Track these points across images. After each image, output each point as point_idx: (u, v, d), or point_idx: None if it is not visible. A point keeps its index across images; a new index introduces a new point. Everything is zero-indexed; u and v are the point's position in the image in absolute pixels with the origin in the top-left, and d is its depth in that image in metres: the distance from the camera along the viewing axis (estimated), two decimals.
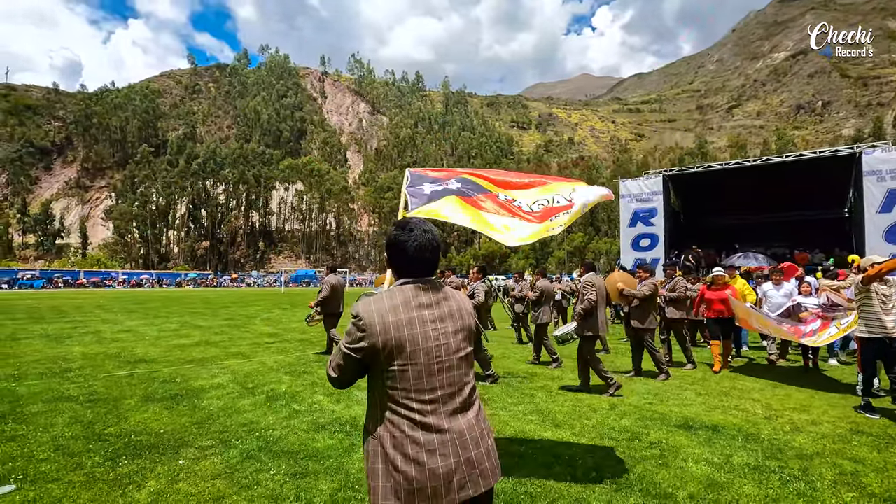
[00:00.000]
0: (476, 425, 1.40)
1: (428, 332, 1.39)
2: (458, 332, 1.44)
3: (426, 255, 1.49)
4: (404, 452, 1.30)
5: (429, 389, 1.36)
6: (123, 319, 14.26)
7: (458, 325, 1.45)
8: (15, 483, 2.92)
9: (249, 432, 3.89)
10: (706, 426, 4.14)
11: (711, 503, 2.73)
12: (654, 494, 2.82)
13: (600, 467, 3.21)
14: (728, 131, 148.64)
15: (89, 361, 7.13)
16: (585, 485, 2.95)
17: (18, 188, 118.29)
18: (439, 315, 1.43)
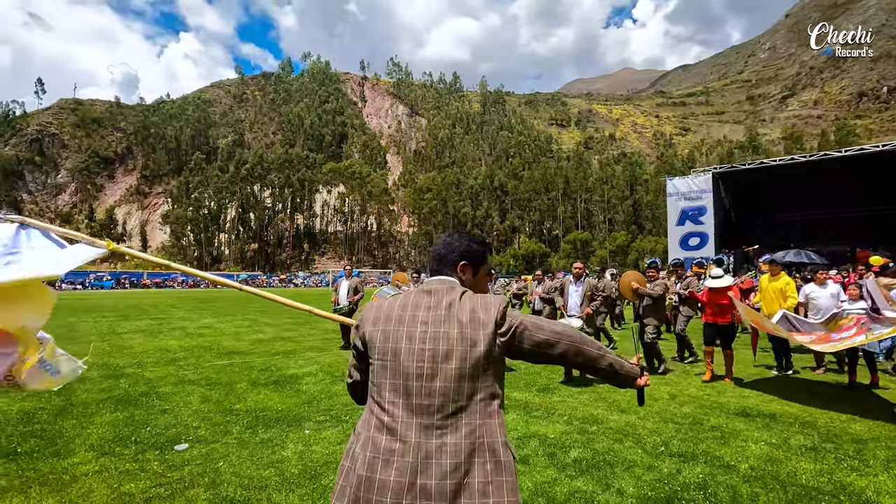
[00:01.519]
0: (453, 453, 1.18)
1: (415, 332, 1.29)
2: (450, 339, 1.26)
3: (437, 256, 1.47)
4: (364, 454, 1.23)
5: (404, 393, 1.25)
6: (198, 317, 15.56)
7: (454, 331, 1.27)
8: (187, 443, 3.67)
9: (352, 411, 4.54)
10: (764, 414, 4.47)
11: (771, 474, 3.13)
12: (718, 465, 3.24)
13: (667, 443, 3.65)
14: (782, 123, 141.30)
15: (190, 353, 8.09)
16: (655, 456, 3.40)
17: (86, 196, 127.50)
18: (435, 318, 1.30)
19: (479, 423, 1.23)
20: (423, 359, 1.26)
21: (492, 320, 1.28)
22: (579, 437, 3.80)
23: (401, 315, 1.34)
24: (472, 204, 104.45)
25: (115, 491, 2.86)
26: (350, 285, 9.09)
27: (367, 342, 1.36)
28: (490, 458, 1.20)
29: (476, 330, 1.27)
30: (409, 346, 1.28)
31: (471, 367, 1.25)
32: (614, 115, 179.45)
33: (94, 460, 3.33)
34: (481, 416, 1.24)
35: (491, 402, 1.26)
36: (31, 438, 3.76)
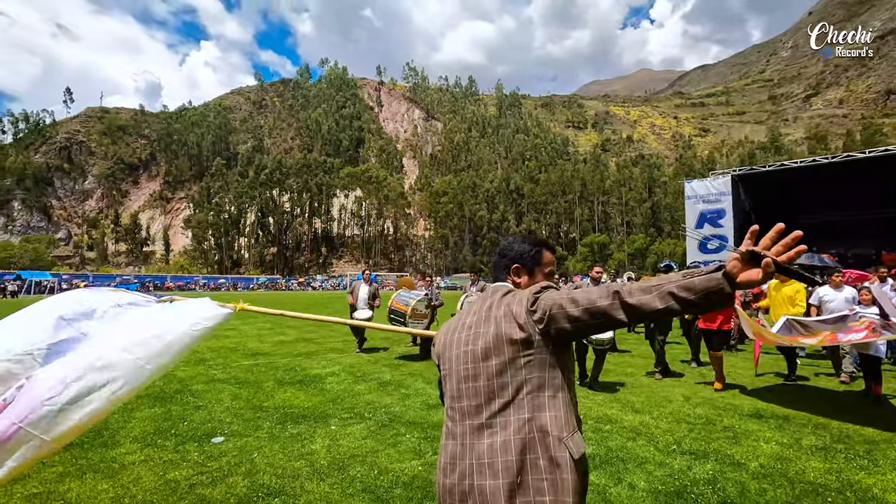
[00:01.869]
0: (503, 451, 1.17)
1: (462, 337, 1.34)
2: (488, 338, 1.27)
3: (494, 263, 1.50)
4: (441, 461, 1.27)
5: (457, 397, 1.29)
6: None
7: (490, 329, 1.28)
8: (222, 436, 3.92)
9: (375, 409, 4.76)
10: (777, 416, 4.54)
11: (780, 471, 3.23)
12: (729, 463, 3.35)
13: (679, 442, 3.77)
14: (805, 122, 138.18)
15: (217, 353, 8.42)
16: (667, 454, 3.53)
17: (111, 201, 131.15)
18: (476, 320, 1.33)
19: (528, 418, 1.19)
20: (467, 361, 1.29)
21: (523, 310, 1.26)
22: (593, 435, 3.94)
23: (454, 325, 1.40)
24: (488, 207, 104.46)
25: (161, 478, 3.11)
26: (369, 290, 9.02)
27: (436, 355, 1.43)
28: (543, 453, 1.16)
29: (510, 323, 1.26)
30: (457, 352, 1.32)
31: (510, 360, 1.23)
32: (632, 117, 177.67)
33: (138, 451, 3.59)
34: (530, 409, 1.20)
35: (539, 394, 1.22)
36: (146, 410, 4.04)
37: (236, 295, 44.89)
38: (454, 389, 1.30)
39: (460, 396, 1.28)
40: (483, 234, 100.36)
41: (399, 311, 7.90)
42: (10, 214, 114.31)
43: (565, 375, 1.26)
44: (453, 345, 1.35)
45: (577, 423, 1.27)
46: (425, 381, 6.05)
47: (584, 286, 6.73)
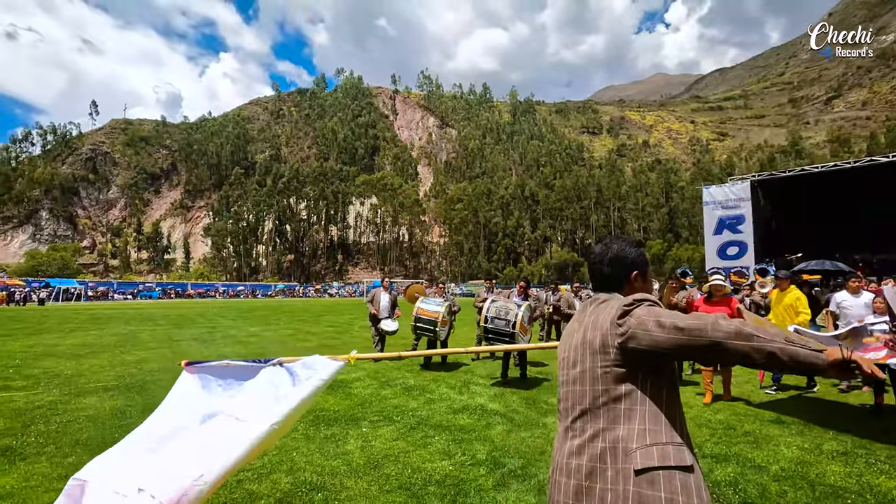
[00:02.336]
0: (579, 455, 1.23)
1: (566, 344, 1.41)
2: (577, 346, 1.33)
3: (595, 270, 1.47)
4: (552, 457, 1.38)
5: (559, 399, 1.39)
6: (244, 325, 16.40)
7: (579, 336, 1.33)
8: None
9: (402, 412, 4.94)
10: (798, 422, 4.60)
11: (800, 474, 3.32)
12: (750, 466, 3.45)
13: (700, 446, 3.87)
14: (827, 125, 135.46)
15: (243, 359, 8.69)
16: None
17: (134, 210, 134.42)
18: (572, 331, 1.40)
19: (602, 428, 1.22)
20: (564, 367, 1.37)
21: (609, 320, 1.26)
22: None
23: (563, 335, 1.47)
24: (503, 214, 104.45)
25: None
26: (390, 298, 8.92)
27: None
28: (612, 464, 1.18)
29: (595, 333, 1.29)
30: (560, 356, 1.42)
31: (590, 370, 1.27)
32: (648, 122, 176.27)
33: None
34: (605, 420, 1.23)
35: (615, 407, 1.23)
36: (127, 431, 4.30)
37: (255, 303, 45.64)
38: (559, 392, 1.39)
39: (558, 399, 1.38)
40: (498, 240, 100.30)
41: (429, 319, 7.62)
42: (38, 224, 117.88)
43: (652, 389, 1.23)
44: (560, 351, 1.43)
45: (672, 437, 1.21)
46: (448, 386, 6.22)
47: None
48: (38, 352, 9.57)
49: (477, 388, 6.08)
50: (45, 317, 20.74)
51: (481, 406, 5.18)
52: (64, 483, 3.14)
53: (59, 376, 6.97)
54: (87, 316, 21.23)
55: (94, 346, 10.62)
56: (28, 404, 5.27)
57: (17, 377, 6.88)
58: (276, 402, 1.71)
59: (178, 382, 1.89)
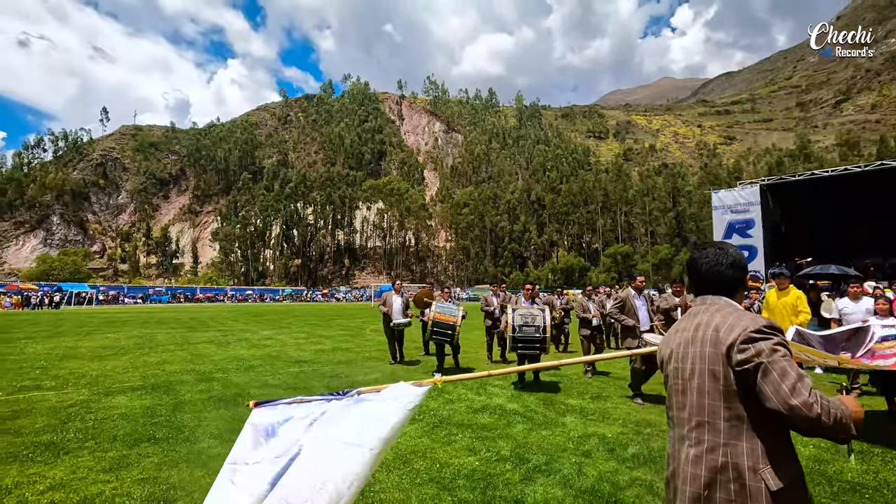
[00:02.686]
0: (695, 464, 1.30)
1: (676, 352, 1.43)
2: (694, 358, 1.35)
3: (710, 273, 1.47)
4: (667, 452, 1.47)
5: (670, 406, 1.44)
6: (257, 329, 16.60)
7: (696, 350, 1.36)
8: None
9: (423, 412, 5.06)
10: None
11: (818, 471, 3.41)
12: None
13: None
14: (836, 129, 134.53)
15: (262, 361, 8.87)
16: None
17: (143, 215, 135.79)
18: (687, 338, 1.40)
19: (723, 443, 1.27)
20: (677, 376, 1.41)
21: (731, 341, 1.27)
22: (635, 436, 4.17)
23: (667, 339, 1.52)
24: (510, 218, 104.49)
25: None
26: (403, 302, 8.93)
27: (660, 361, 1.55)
28: (735, 478, 1.23)
29: (714, 349, 1.31)
30: (672, 366, 1.44)
31: (709, 384, 1.30)
32: (654, 126, 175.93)
33: (219, 446, 3.98)
34: (727, 436, 1.27)
35: (738, 424, 1.26)
36: (161, 428, 4.47)
37: (264, 307, 45.95)
38: (669, 398, 1.44)
39: (671, 406, 1.43)
40: (504, 245, 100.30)
41: (448, 324, 7.47)
42: (49, 228, 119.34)
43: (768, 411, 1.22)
44: (670, 359, 1.45)
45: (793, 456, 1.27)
46: (466, 387, 6.34)
47: (631, 297, 6.29)
48: (61, 354, 9.79)
49: (494, 389, 6.19)
50: (61, 320, 21.07)
51: (500, 406, 5.30)
52: (110, 475, 3.30)
53: (85, 377, 7.16)
54: (101, 319, 21.53)
55: (113, 348, 10.83)
56: (60, 403, 5.45)
57: (45, 378, 7.08)
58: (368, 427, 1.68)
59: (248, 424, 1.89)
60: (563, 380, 7.12)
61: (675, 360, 1.42)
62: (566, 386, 6.62)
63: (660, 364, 1.55)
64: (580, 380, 7.17)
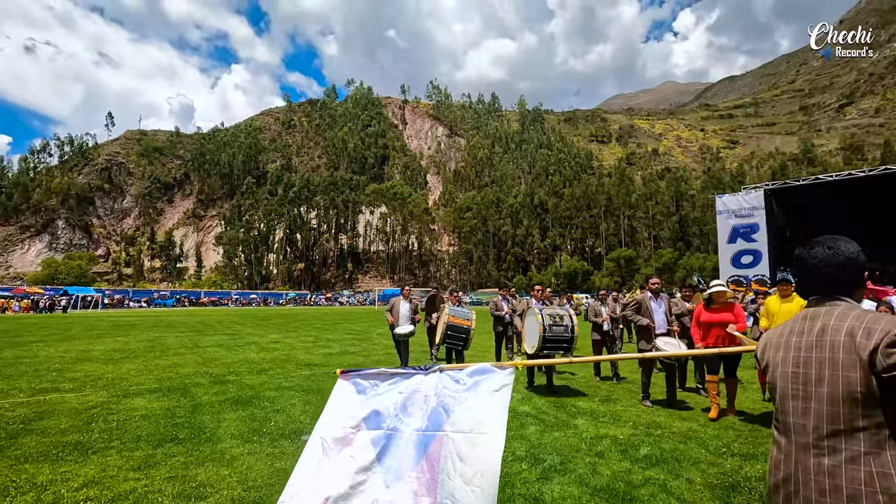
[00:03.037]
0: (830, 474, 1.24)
1: (790, 356, 1.38)
2: (822, 364, 1.29)
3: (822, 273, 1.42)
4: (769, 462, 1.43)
5: (782, 411, 1.37)
6: (264, 333, 16.72)
7: (825, 355, 1.29)
8: (308, 435, 4.39)
9: None
10: None
11: None
12: None
13: (728, 446, 4.06)
14: (840, 132, 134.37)
15: (273, 364, 8.98)
16: (718, 455, 3.83)
17: (148, 219, 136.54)
18: (810, 342, 1.34)
19: (865, 452, 1.21)
20: (796, 381, 1.34)
21: (869, 349, 1.21)
22: (646, 438, 4.26)
23: (778, 342, 1.44)
24: (512, 222, 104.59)
25: (270, 466, 3.59)
26: (410, 307, 8.74)
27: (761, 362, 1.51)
28: (884, 489, 1.17)
29: (850, 356, 1.24)
30: (783, 370, 1.38)
31: (845, 394, 1.24)
32: (657, 130, 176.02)
33: (240, 445, 4.09)
34: (867, 444, 1.21)
35: (879, 433, 1.21)
36: (183, 429, 4.59)
37: (269, 311, 46.10)
38: (779, 403, 1.38)
39: (785, 412, 1.35)
40: (507, 249, 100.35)
41: (462, 328, 7.37)
42: (54, 233, 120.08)
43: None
44: (780, 363, 1.40)
45: None
46: None
47: (646, 299, 6.21)
48: (74, 357, 9.93)
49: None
50: (70, 324, 21.25)
51: (513, 408, 5.39)
52: (139, 474, 3.41)
53: (101, 379, 7.29)
54: (109, 323, 21.71)
55: (125, 351, 10.97)
56: (81, 405, 5.57)
57: (62, 380, 7.21)
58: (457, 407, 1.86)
59: (336, 390, 2.10)
60: (572, 383, 7.21)
61: (794, 365, 1.35)
62: (576, 389, 6.71)
63: (763, 367, 1.49)
64: (589, 383, 7.26)
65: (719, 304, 5.33)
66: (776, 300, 5.97)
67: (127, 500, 3.01)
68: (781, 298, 5.91)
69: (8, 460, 3.69)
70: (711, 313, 5.29)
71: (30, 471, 3.48)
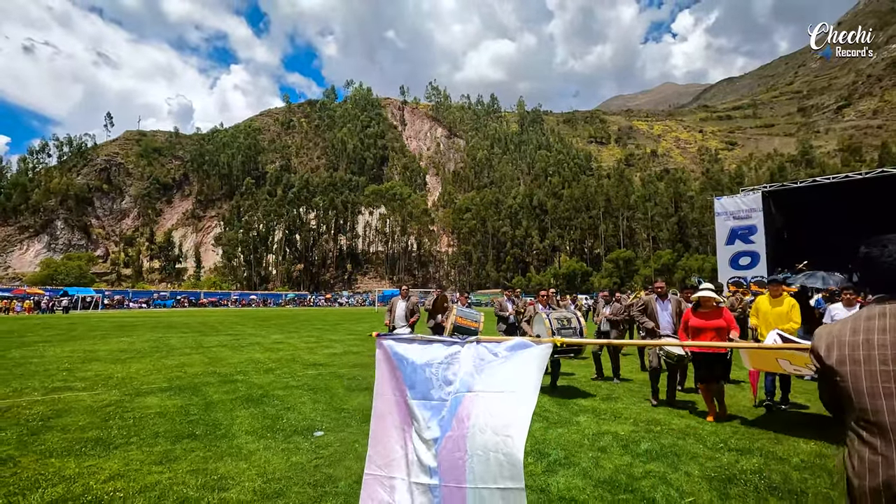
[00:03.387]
0: None
1: (873, 354, 1.35)
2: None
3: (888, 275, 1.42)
4: (853, 463, 1.35)
5: (873, 411, 1.33)
6: (266, 333, 16.85)
7: None
8: (321, 431, 4.55)
9: None
10: (816, 424, 4.93)
11: (819, 466, 3.66)
12: (772, 458, 3.80)
13: (725, 441, 4.22)
14: (838, 134, 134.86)
15: (279, 364, 9.13)
16: (715, 450, 4.00)
17: (147, 220, 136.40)
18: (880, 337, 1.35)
19: None
20: (889, 379, 1.31)
21: None
22: (646, 434, 4.43)
23: (853, 340, 1.40)
24: (512, 223, 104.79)
25: (287, 461, 3.74)
26: (407, 307, 8.60)
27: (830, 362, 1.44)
28: None
29: None
30: (869, 368, 1.34)
31: None
32: (656, 131, 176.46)
33: (255, 441, 4.24)
34: None
35: None
36: (199, 426, 4.74)
37: (268, 311, 46.20)
38: (867, 403, 1.33)
39: (877, 411, 1.30)
40: (507, 250, 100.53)
41: (470, 329, 7.41)
42: (53, 233, 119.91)
43: None
44: (861, 361, 1.35)
45: None
46: None
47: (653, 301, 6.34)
48: (81, 357, 10.07)
49: None
50: (73, 324, 21.36)
51: None
52: (162, 467, 3.56)
53: (111, 378, 7.43)
54: (111, 324, 21.83)
55: (130, 351, 11.11)
56: (95, 403, 5.72)
57: (73, 379, 7.35)
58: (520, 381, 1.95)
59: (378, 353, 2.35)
60: (574, 383, 7.37)
61: (882, 363, 1.32)
62: (578, 389, 6.87)
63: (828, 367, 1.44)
64: (589, 383, 7.42)
65: (708, 309, 5.22)
66: (766, 300, 6.02)
67: (153, 492, 3.16)
68: (772, 299, 5.96)
69: (34, 455, 3.84)
70: (700, 318, 5.20)
71: (56, 465, 3.63)
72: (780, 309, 5.77)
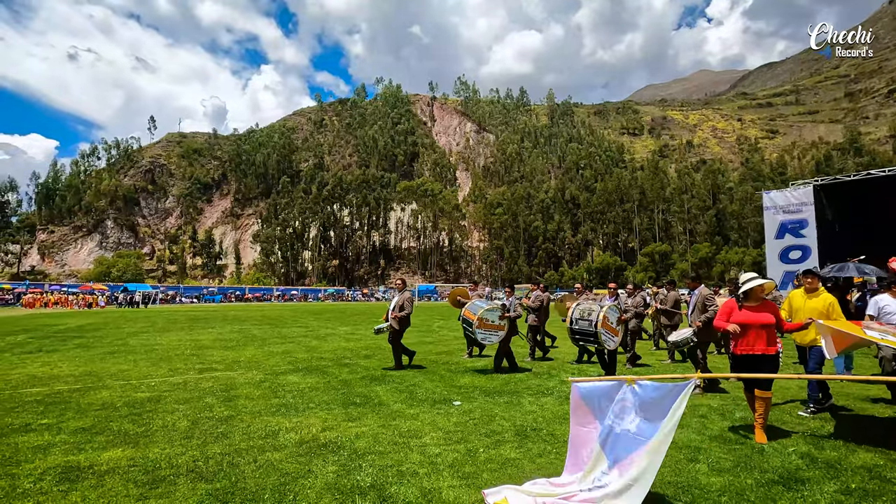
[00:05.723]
0: None
1: None
2: None
3: None
4: None
5: None
6: (332, 326, 18.12)
7: None
8: (458, 401, 5.49)
9: (544, 389, 6.19)
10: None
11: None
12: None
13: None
14: (889, 119, 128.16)
15: (371, 351, 10.17)
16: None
17: (189, 219, 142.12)
18: None
19: None
20: None
21: None
22: (734, 406, 5.18)
23: None
24: (543, 218, 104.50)
25: (449, 420, 4.68)
26: (398, 301, 8.30)
27: None
28: None
29: None
30: None
31: None
32: (691, 121, 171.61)
33: (410, 408, 5.21)
34: None
35: None
36: (353, 397, 5.75)
37: (313, 305, 48.02)
38: None
39: None
40: (538, 244, 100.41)
41: (467, 320, 7.79)
42: (104, 232, 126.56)
43: None
44: None
45: None
46: (568, 372, 7.44)
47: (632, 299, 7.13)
48: (191, 345, 11.36)
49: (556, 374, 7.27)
50: (151, 318, 23.24)
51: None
52: (355, 423, 4.56)
53: (238, 362, 8.60)
54: (186, 317, 23.62)
55: (227, 340, 12.42)
56: (248, 381, 6.83)
57: (209, 362, 8.56)
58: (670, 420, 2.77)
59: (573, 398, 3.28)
60: (554, 358, 8.12)
61: None
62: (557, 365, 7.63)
63: None
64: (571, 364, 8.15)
65: (756, 302, 4.54)
66: (800, 295, 5.56)
67: (361, 440, 4.13)
68: (807, 293, 5.45)
69: (249, 415, 4.89)
70: (749, 312, 4.48)
71: (270, 421, 4.67)
72: (816, 304, 5.21)
